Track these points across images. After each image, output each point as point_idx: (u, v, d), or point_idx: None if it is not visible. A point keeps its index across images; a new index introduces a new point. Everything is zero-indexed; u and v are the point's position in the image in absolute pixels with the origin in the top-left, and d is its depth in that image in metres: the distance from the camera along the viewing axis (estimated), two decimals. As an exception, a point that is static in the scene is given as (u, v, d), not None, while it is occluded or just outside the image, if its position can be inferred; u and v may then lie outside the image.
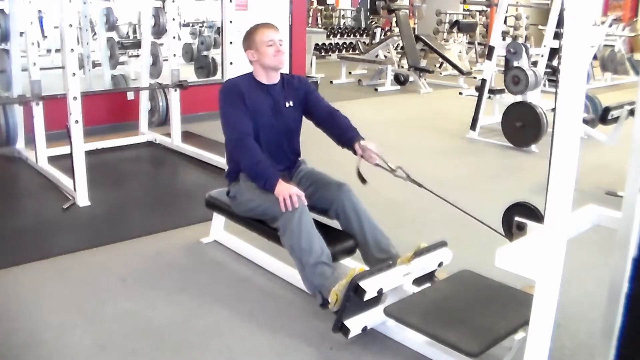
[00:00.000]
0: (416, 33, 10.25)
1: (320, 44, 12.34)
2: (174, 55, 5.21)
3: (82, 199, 3.70)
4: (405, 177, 2.57)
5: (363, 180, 2.60)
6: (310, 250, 2.33)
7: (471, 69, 9.87)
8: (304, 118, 2.79)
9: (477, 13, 12.91)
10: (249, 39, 2.63)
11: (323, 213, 2.62)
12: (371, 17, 14.66)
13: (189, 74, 6.04)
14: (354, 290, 2.11)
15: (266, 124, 2.62)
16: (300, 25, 7.29)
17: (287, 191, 2.38)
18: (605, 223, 1.85)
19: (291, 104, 2.70)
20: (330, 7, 15.87)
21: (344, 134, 2.67)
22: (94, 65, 6.69)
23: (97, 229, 3.40)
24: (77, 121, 3.64)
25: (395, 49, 10.48)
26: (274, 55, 2.58)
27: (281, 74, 2.72)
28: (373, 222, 2.54)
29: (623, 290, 1.51)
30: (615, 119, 4.41)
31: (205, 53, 7.49)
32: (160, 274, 2.80)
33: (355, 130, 2.68)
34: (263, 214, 2.56)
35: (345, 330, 2.15)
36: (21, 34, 4.48)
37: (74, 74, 3.63)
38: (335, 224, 2.61)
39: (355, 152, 2.63)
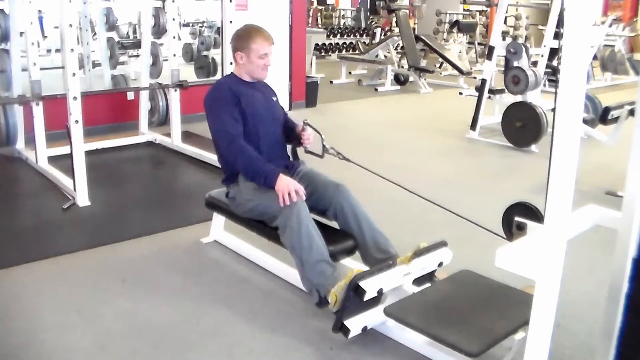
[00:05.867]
0: (416, 33, 10.25)
1: (320, 44, 12.33)
2: (174, 55, 5.21)
3: (82, 199, 3.70)
4: (335, 153, 2.74)
5: (296, 157, 2.80)
6: (311, 248, 2.33)
7: (471, 69, 9.86)
8: None
9: (477, 13, 12.91)
10: (243, 43, 2.63)
11: (322, 214, 2.63)
12: (371, 17, 14.65)
13: (189, 74, 6.03)
14: (354, 290, 2.11)
15: (264, 119, 2.67)
16: (300, 25, 7.28)
17: (288, 187, 2.39)
18: (605, 223, 1.85)
19: (275, 99, 2.82)
20: (330, 7, 15.86)
21: (290, 129, 2.83)
22: (94, 65, 6.69)
23: (97, 229, 3.40)
24: (77, 121, 3.64)
25: (395, 49, 10.48)
26: (262, 69, 2.66)
27: None
28: (371, 223, 2.54)
29: (623, 290, 1.51)
30: (615, 119, 4.41)
31: (205, 53, 7.50)
32: (160, 274, 2.80)
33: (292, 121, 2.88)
34: (262, 213, 2.57)
35: (345, 330, 2.15)
36: (21, 34, 4.48)
37: (74, 74, 3.63)
38: (335, 223, 2.61)
39: (295, 137, 2.80)
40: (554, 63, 6.64)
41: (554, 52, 6.34)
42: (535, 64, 6.05)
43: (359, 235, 2.51)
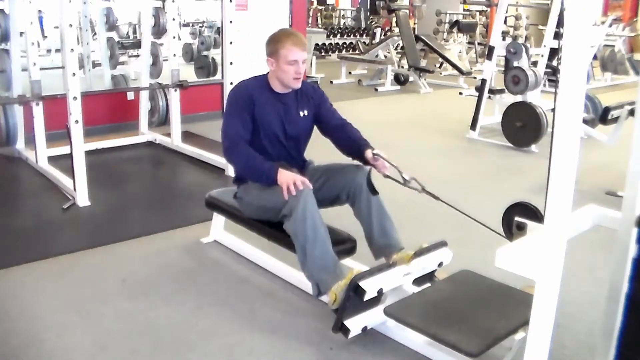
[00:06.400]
0: (416, 33, 10.25)
1: (320, 44, 12.34)
2: (174, 55, 5.21)
3: (82, 199, 3.69)
4: (420, 189, 2.49)
5: (374, 191, 2.52)
6: (315, 240, 2.30)
7: (471, 69, 9.86)
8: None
9: (477, 13, 12.91)
10: (273, 48, 2.50)
11: (333, 201, 2.58)
12: (371, 17, 14.67)
13: (189, 74, 6.04)
14: (354, 290, 2.11)
15: (276, 133, 2.58)
16: (300, 25, 7.29)
17: (293, 178, 2.35)
18: (605, 223, 1.85)
19: (305, 113, 2.65)
20: (330, 7, 15.87)
21: (354, 145, 2.61)
22: (94, 65, 6.69)
23: (97, 229, 3.40)
24: (77, 121, 3.64)
25: (395, 49, 10.48)
26: (293, 77, 2.50)
27: None
28: (383, 207, 2.51)
29: (623, 290, 1.51)
30: (615, 119, 4.41)
31: (205, 53, 7.50)
32: (160, 274, 2.80)
33: (366, 140, 2.62)
34: (270, 210, 2.51)
35: (345, 330, 2.15)
36: (21, 34, 4.48)
37: (74, 74, 3.63)
38: (334, 224, 2.60)
39: (365, 162, 2.57)
40: (554, 63, 6.64)
41: (554, 52, 6.34)
42: (535, 64, 6.06)
43: (367, 215, 2.48)
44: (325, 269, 2.30)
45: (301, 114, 2.64)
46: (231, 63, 4.35)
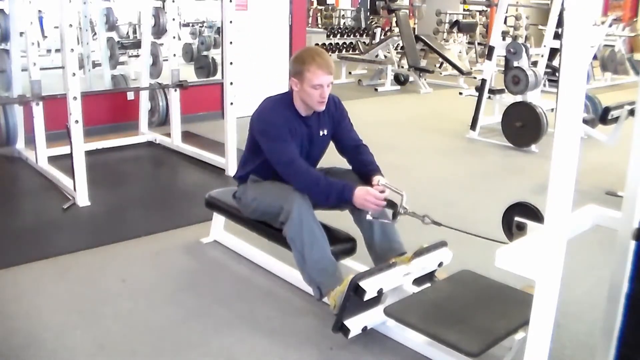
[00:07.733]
0: (416, 33, 10.25)
1: (320, 44, 12.34)
2: (174, 55, 5.21)
3: (82, 199, 3.69)
4: (422, 219, 2.38)
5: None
6: (312, 243, 2.31)
7: (471, 69, 9.86)
8: None
9: (477, 13, 12.92)
10: (298, 69, 2.41)
11: (334, 205, 2.55)
12: (371, 17, 14.67)
13: (189, 74, 6.04)
14: (354, 290, 2.11)
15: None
16: (300, 25, 7.28)
17: (369, 199, 2.31)
18: (605, 223, 1.85)
19: (325, 132, 2.59)
20: (330, 7, 15.86)
21: (363, 169, 2.57)
22: (94, 65, 6.68)
23: (97, 229, 3.40)
24: (77, 121, 3.64)
25: (395, 49, 10.48)
26: (318, 101, 2.41)
27: None
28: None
29: (623, 290, 1.52)
30: (615, 119, 4.41)
31: (205, 53, 7.49)
32: (160, 274, 2.80)
33: (376, 165, 2.57)
34: (265, 212, 2.54)
35: (345, 330, 2.15)
36: (21, 34, 4.48)
37: (74, 74, 3.63)
38: (334, 224, 2.60)
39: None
40: (554, 63, 6.64)
41: (554, 52, 6.34)
42: (535, 64, 6.06)
43: (368, 221, 2.46)
44: (325, 271, 2.30)
45: (321, 133, 2.58)
46: (231, 63, 4.35)
